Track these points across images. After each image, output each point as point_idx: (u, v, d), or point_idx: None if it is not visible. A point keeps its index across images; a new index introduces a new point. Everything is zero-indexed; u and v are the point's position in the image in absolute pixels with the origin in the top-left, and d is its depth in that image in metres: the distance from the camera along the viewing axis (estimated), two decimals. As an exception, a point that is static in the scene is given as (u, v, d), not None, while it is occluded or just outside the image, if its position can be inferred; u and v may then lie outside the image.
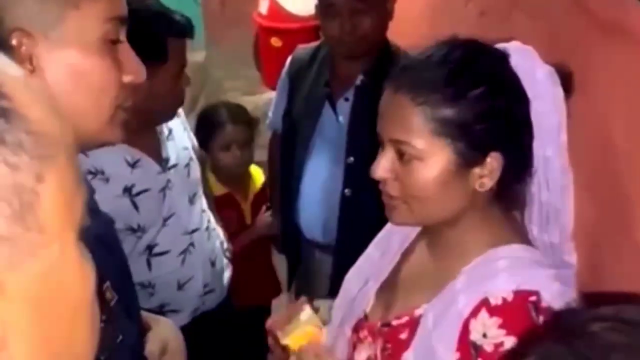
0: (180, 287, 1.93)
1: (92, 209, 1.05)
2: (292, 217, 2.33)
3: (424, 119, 1.03)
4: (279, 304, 2.66)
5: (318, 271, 2.36)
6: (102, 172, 1.74)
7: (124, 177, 1.77)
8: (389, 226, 1.30)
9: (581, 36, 1.23)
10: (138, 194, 1.79)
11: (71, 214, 0.50)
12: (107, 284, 1.00)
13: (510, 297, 1.01)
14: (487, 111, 1.03)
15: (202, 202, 2.06)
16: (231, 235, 2.37)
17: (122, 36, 0.96)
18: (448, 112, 1.02)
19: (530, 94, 1.05)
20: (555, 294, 1.01)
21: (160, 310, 1.92)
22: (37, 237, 0.46)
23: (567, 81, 1.07)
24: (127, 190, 1.78)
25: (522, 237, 1.11)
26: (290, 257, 2.53)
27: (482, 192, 1.07)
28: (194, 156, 2.03)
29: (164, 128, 1.89)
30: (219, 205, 2.39)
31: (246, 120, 2.54)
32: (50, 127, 0.49)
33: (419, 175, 1.05)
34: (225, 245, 2.20)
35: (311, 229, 2.30)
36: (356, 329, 1.24)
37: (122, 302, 1.03)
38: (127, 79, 0.96)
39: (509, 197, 1.10)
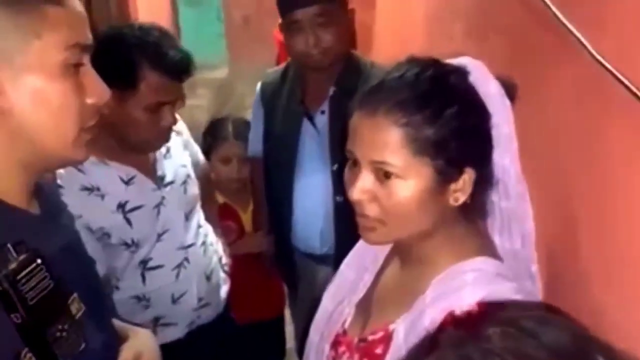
0: (174, 300, 1.97)
1: (58, 220, 1.11)
2: (285, 236, 2.38)
3: (405, 139, 1.05)
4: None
5: (317, 284, 2.40)
6: (98, 189, 1.81)
7: (118, 194, 1.83)
8: (360, 243, 1.34)
9: (541, 52, 1.26)
10: (132, 210, 1.85)
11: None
12: (75, 295, 1.04)
13: (474, 309, 1.03)
14: (462, 128, 1.06)
15: (200, 218, 2.10)
16: (230, 245, 2.43)
17: (85, 59, 1.02)
18: (428, 131, 1.05)
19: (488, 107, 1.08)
20: None
21: (156, 323, 1.98)
22: None
23: (511, 92, 1.11)
24: (121, 206, 1.83)
25: (487, 248, 1.13)
26: (286, 276, 2.58)
27: (454, 206, 1.10)
28: (192, 174, 2.08)
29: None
30: (217, 215, 2.45)
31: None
32: None
33: (400, 194, 1.07)
34: (224, 259, 2.24)
35: (308, 242, 2.35)
36: (335, 345, 1.27)
37: (91, 311, 1.07)
38: (90, 100, 1.02)
39: (472, 207, 1.13)
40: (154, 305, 1.96)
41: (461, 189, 1.09)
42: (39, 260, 0.96)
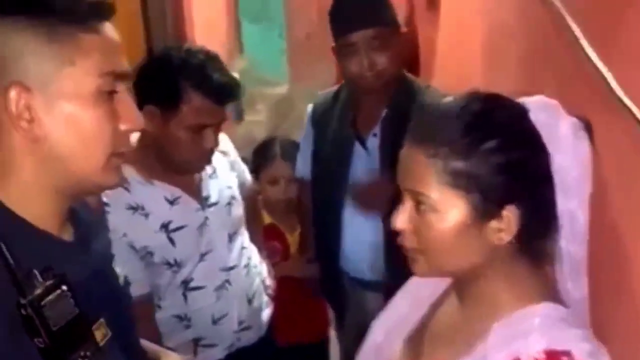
0: (215, 322, 1.97)
1: (91, 245, 1.11)
2: (333, 260, 2.34)
3: (437, 171, 1.03)
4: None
5: (366, 310, 2.37)
6: (143, 208, 1.82)
7: (162, 213, 1.84)
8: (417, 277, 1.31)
9: (584, 91, 1.21)
10: (175, 230, 1.85)
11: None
12: (101, 320, 1.04)
13: (542, 358, 0.99)
14: (501, 164, 1.02)
15: (244, 240, 2.10)
16: (274, 266, 2.42)
17: (120, 87, 1.02)
18: (460, 164, 1.02)
19: (551, 147, 1.03)
20: (586, 353, 0.99)
21: (197, 344, 1.99)
22: None
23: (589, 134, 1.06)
24: (165, 226, 1.84)
25: (552, 294, 1.09)
26: (333, 300, 2.55)
27: (503, 246, 1.05)
28: (237, 195, 2.07)
29: (208, 167, 1.95)
30: (264, 236, 2.45)
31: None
32: None
33: (434, 227, 1.05)
34: (268, 282, 2.23)
35: (357, 267, 2.32)
36: None
37: (118, 336, 1.07)
38: (124, 127, 1.03)
39: (537, 251, 1.09)
40: (194, 326, 1.96)
41: (505, 229, 1.04)
42: (64, 287, 0.96)
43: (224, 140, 2.06)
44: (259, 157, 2.65)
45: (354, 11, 2.08)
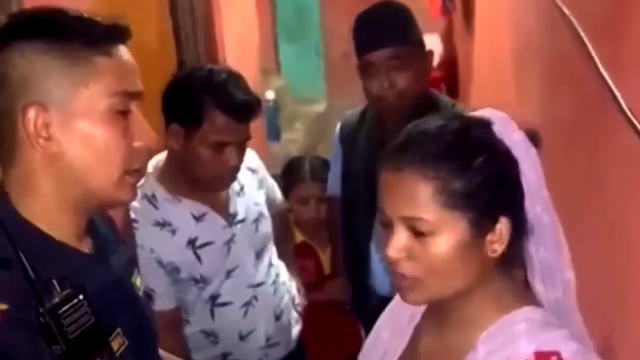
0: (242, 337, 1.99)
1: (109, 259, 1.15)
2: (363, 278, 2.35)
3: (434, 193, 1.03)
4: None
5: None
6: (170, 224, 1.86)
7: (188, 230, 1.87)
8: (396, 301, 1.30)
9: (604, 110, 1.22)
10: (202, 246, 1.88)
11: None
12: (118, 330, 1.08)
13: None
14: (491, 178, 1.04)
15: (272, 256, 2.11)
16: (310, 285, 2.42)
17: (133, 106, 1.07)
18: (457, 184, 1.03)
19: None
20: (575, 352, 1.01)
21: (224, 359, 2.02)
22: None
23: (534, 140, 1.09)
24: (191, 242, 1.87)
25: (529, 298, 1.10)
26: (364, 319, 2.55)
27: (492, 258, 1.07)
28: (265, 212, 2.09)
29: (235, 184, 1.98)
30: (296, 253, 2.45)
31: (327, 177, 2.59)
32: None
33: (434, 250, 1.04)
34: (297, 300, 2.24)
35: (386, 285, 2.32)
36: None
37: (135, 346, 1.11)
38: (137, 144, 1.07)
39: (509, 258, 1.10)
40: (222, 341, 1.98)
41: (498, 240, 1.06)
42: (81, 296, 1.00)
43: (252, 157, 2.09)
44: (288, 177, 2.66)
45: (373, 30, 2.07)
